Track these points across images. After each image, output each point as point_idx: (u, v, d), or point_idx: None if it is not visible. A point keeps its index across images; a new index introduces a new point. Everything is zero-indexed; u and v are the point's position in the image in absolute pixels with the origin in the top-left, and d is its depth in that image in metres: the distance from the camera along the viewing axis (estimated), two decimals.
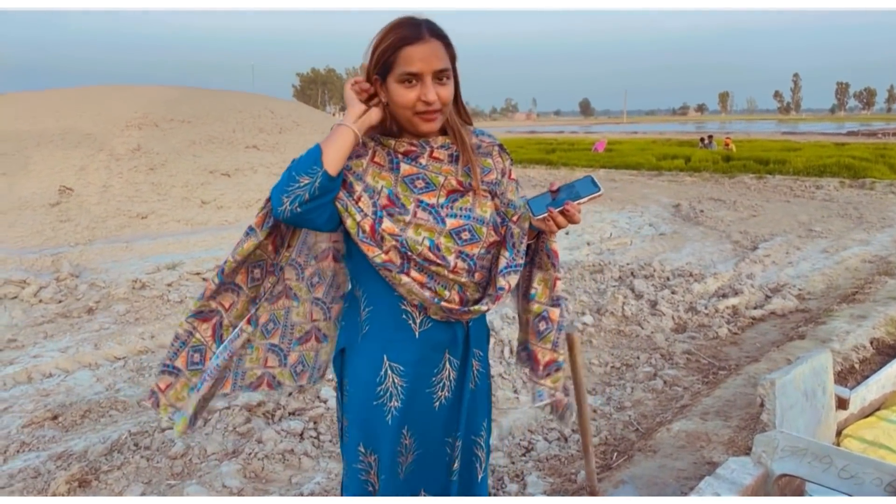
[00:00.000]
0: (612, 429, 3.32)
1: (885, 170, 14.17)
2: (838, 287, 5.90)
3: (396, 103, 1.39)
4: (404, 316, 1.47)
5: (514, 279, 1.48)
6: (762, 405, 2.64)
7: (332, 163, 1.35)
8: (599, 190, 1.41)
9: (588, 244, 7.90)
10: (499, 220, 1.51)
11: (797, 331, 4.64)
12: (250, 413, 3.39)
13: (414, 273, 1.42)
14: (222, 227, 7.53)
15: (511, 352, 4.35)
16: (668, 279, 6.23)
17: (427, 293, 1.42)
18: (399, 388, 1.48)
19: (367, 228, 1.40)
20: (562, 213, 1.40)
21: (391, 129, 1.47)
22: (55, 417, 3.45)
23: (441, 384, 1.51)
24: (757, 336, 4.71)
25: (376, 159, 1.45)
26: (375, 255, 1.40)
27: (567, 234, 8.51)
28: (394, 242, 1.39)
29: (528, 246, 1.54)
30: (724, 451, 2.83)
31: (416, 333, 1.47)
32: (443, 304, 1.42)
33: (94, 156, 7.93)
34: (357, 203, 1.41)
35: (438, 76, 1.37)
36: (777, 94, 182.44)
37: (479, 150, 1.52)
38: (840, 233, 8.38)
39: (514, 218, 1.52)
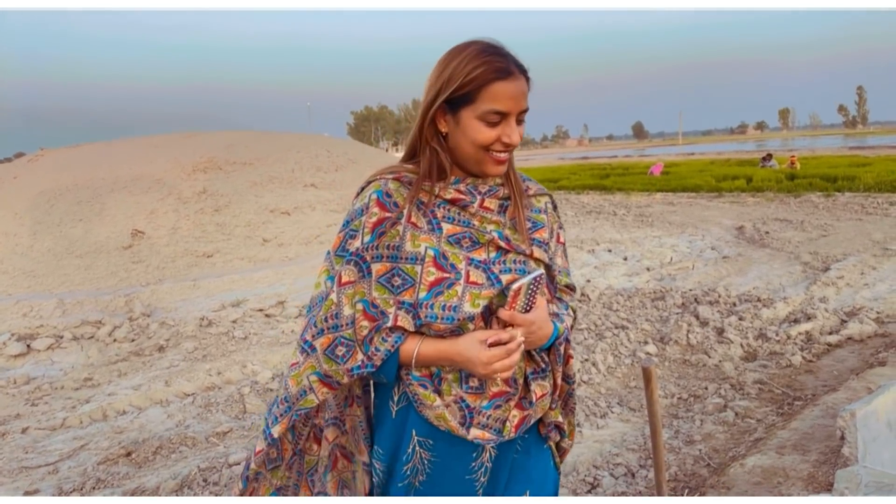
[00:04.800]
0: (682, 464, 3.19)
1: None
2: None
3: (471, 139, 1.24)
4: None
5: (545, 385, 1.35)
6: (843, 438, 2.50)
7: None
8: None
9: (648, 269, 7.72)
10: None
11: (877, 357, 4.39)
12: None
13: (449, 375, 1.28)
14: (283, 263, 7.73)
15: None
16: (734, 305, 6.02)
17: (458, 417, 1.28)
18: (425, 461, 1.32)
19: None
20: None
21: (438, 170, 1.31)
22: (129, 454, 3.58)
23: (482, 468, 1.33)
24: (834, 363, 4.48)
25: (413, 220, 1.29)
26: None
27: (626, 259, 8.35)
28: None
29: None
30: (803, 487, 2.68)
31: None
32: (476, 436, 1.28)
33: (164, 199, 8.32)
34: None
35: (520, 116, 1.26)
36: (842, 108, 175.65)
37: (526, 193, 1.40)
38: None
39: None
